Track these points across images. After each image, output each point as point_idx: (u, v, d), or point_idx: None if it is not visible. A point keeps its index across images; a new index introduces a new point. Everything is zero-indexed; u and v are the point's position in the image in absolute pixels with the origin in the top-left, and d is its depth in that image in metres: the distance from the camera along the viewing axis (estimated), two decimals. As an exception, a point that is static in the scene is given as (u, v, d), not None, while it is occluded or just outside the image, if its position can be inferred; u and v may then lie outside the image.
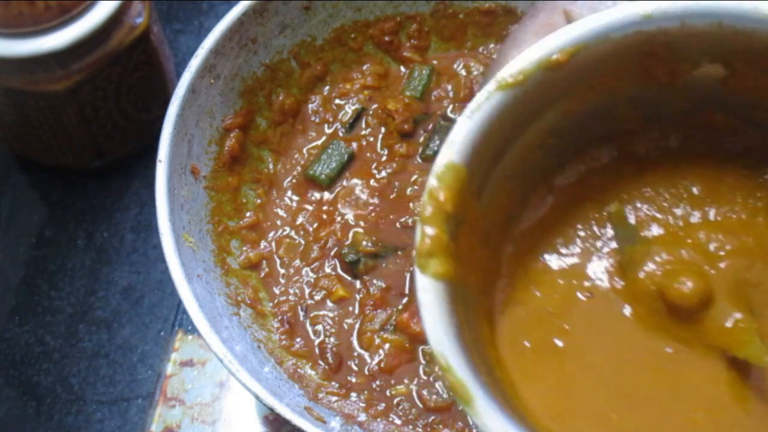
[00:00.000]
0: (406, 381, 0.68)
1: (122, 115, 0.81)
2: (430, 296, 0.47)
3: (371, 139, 0.77)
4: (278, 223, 0.74)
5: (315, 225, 0.73)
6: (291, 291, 0.72)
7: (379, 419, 0.67)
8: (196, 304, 0.63)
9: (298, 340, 0.70)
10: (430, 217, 0.48)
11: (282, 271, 0.72)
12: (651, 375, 0.50)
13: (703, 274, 0.52)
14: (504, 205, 0.53)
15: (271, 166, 0.75)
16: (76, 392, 0.77)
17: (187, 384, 0.76)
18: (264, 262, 0.72)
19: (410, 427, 0.67)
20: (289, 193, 0.75)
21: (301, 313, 0.71)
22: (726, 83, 0.53)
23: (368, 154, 0.76)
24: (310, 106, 0.78)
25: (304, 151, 0.76)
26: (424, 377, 0.68)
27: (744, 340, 0.50)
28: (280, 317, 0.70)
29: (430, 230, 0.48)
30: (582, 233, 0.54)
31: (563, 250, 0.54)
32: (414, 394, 0.68)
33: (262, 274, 0.72)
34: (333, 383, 0.68)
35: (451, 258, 0.48)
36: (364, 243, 0.72)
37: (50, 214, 0.83)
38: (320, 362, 0.69)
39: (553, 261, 0.53)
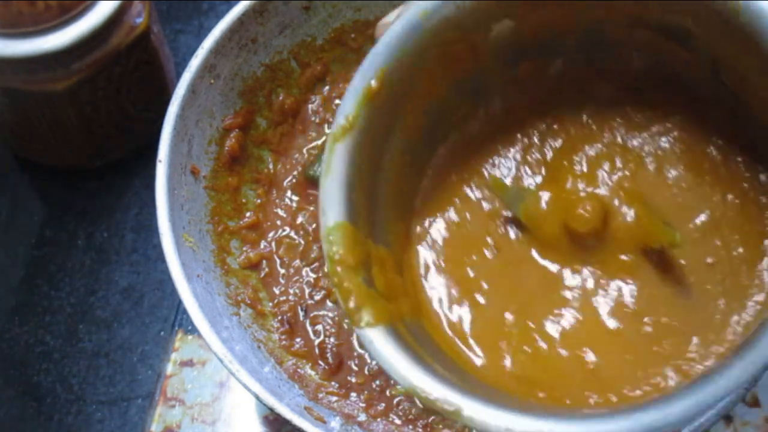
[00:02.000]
0: (406, 381, 0.68)
1: (122, 115, 0.81)
2: (377, 346, 0.49)
3: (371, 139, 0.77)
4: (278, 223, 0.74)
5: (315, 225, 0.73)
6: (291, 291, 0.72)
7: (379, 419, 0.67)
8: (196, 304, 0.63)
9: (298, 340, 0.70)
10: (340, 276, 0.50)
11: (282, 271, 0.72)
12: (571, 299, 0.53)
13: (592, 194, 0.54)
14: (397, 231, 0.55)
15: (271, 166, 0.75)
16: (76, 392, 0.77)
17: (187, 384, 0.76)
18: (264, 262, 0.72)
19: (410, 427, 0.67)
20: (289, 193, 0.75)
21: (301, 313, 0.71)
22: (520, 32, 0.55)
23: (368, 154, 0.76)
24: (310, 106, 0.78)
25: (304, 151, 0.76)
26: (424, 377, 0.68)
27: (651, 229, 0.52)
28: (280, 317, 0.70)
29: (347, 286, 0.50)
30: (466, 206, 0.57)
31: (459, 230, 0.56)
32: (414, 394, 0.68)
33: (262, 274, 0.72)
34: (333, 383, 0.68)
35: (378, 302, 0.50)
36: (364, 243, 0.72)
37: (50, 214, 0.83)
38: (320, 362, 0.69)
39: (457, 239, 0.56)
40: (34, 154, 0.84)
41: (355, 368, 0.69)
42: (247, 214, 0.73)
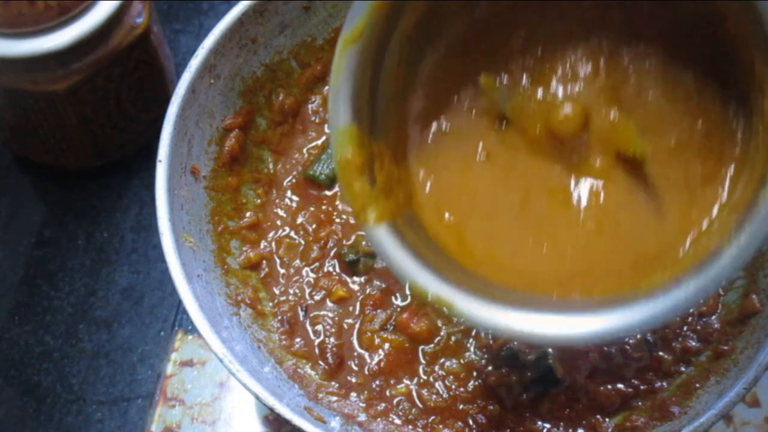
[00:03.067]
0: (406, 381, 0.68)
1: (122, 115, 0.81)
2: (382, 246, 0.55)
3: (371, 139, 0.77)
4: (278, 223, 0.74)
5: (315, 225, 0.73)
6: (291, 291, 0.72)
7: (379, 419, 0.67)
8: (196, 304, 0.63)
9: (298, 340, 0.70)
10: (348, 177, 0.56)
11: (282, 271, 0.72)
12: (552, 197, 0.58)
13: (574, 98, 0.58)
14: (394, 123, 0.59)
15: (271, 166, 0.75)
16: (76, 392, 0.77)
17: (187, 384, 0.76)
18: (264, 262, 0.72)
19: (410, 427, 0.67)
20: (289, 193, 0.75)
21: (301, 313, 0.71)
22: None
23: (368, 154, 0.76)
24: (310, 106, 0.78)
25: (304, 151, 0.76)
26: (424, 377, 0.68)
27: (626, 135, 0.56)
28: (280, 317, 0.70)
29: (355, 187, 0.55)
30: (457, 108, 0.60)
31: (450, 128, 0.60)
32: (414, 394, 0.68)
33: (262, 274, 0.72)
34: (333, 383, 0.68)
35: (380, 198, 0.56)
36: (364, 243, 0.72)
37: (50, 214, 0.83)
38: (320, 362, 0.69)
39: (449, 139, 0.60)
40: (34, 154, 0.84)
41: (355, 368, 0.69)
42: (247, 214, 0.73)
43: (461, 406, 0.67)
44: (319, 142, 0.77)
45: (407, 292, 0.70)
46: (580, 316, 0.53)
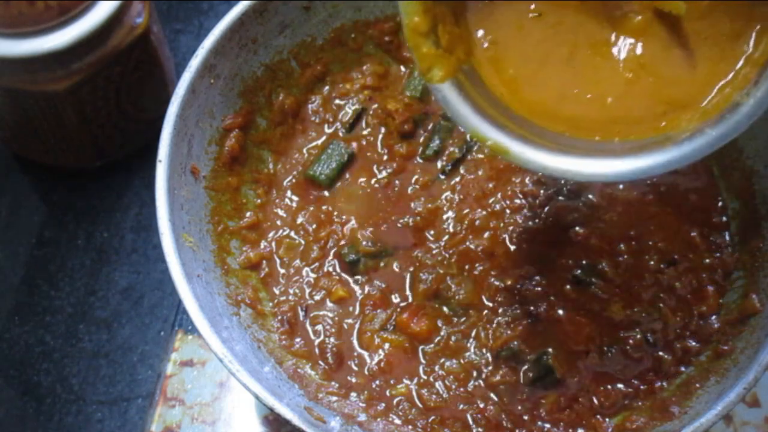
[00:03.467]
0: (406, 381, 0.68)
1: (122, 115, 0.81)
2: (448, 99, 0.61)
3: (371, 139, 0.77)
4: (278, 223, 0.74)
5: (315, 225, 0.73)
6: (291, 291, 0.72)
7: (379, 419, 0.67)
8: (196, 304, 0.63)
9: (298, 340, 0.70)
10: (417, 41, 0.61)
11: (282, 271, 0.72)
12: (596, 50, 0.64)
13: None
14: None
15: (271, 166, 0.75)
16: (76, 392, 0.77)
17: (187, 384, 0.76)
18: (264, 262, 0.72)
19: (410, 427, 0.67)
20: (289, 193, 0.75)
21: (301, 313, 0.71)
22: None
23: (368, 154, 0.76)
24: (310, 106, 0.78)
25: (304, 151, 0.76)
26: (424, 377, 0.68)
27: None
28: (280, 317, 0.70)
29: (423, 49, 0.61)
30: None
31: None
32: (414, 394, 0.68)
33: (262, 274, 0.72)
34: (333, 383, 0.68)
35: (443, 58, 0.61)
36: (364, 243, 0.72)
37: (50, 214, 0.83)
38: (320, 362, 0.69)
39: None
40: (34, 154, 0.84)
41: (355, 368, 0.69)
42: (247, 214, 0.73)
43: (461, 406, 0.68)
44: (319, 142, 0.77)
45: (468, 138, 0.76)
46: (616, 159, 0.60)
